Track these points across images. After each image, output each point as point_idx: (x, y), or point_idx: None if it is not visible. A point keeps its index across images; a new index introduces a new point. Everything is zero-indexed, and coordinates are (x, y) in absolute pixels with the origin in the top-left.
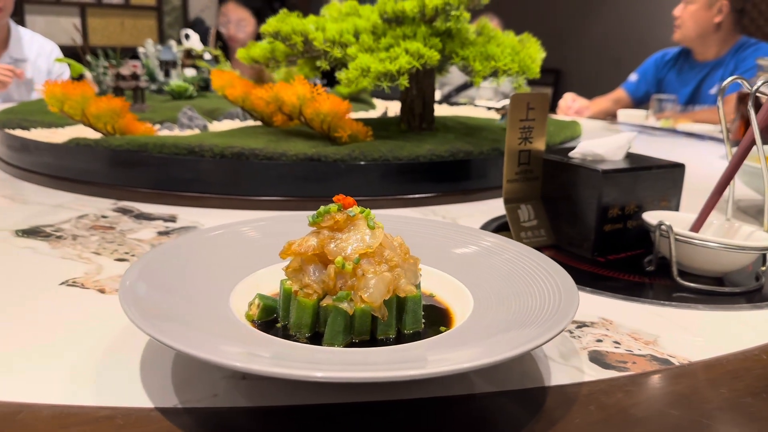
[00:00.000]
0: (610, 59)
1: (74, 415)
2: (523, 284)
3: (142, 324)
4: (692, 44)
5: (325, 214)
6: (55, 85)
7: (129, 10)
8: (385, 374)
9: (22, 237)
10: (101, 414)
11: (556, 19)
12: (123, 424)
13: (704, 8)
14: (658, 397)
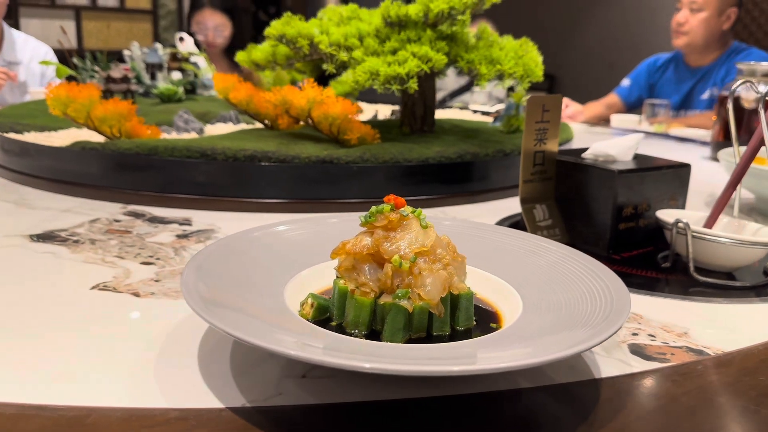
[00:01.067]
0: (604, 64)
1: (145, 417)
2: (568, 283)
3: (214, 321)
4: (694, 51)
5: (378, 213)
6: (60, 87)
7: (124, 13)
8: (455, 368)
9: (38, 242)
10: (172, 415)
11: (550, 25)
12: (196, 425)
13: (715, 16)
14: (704, 386)
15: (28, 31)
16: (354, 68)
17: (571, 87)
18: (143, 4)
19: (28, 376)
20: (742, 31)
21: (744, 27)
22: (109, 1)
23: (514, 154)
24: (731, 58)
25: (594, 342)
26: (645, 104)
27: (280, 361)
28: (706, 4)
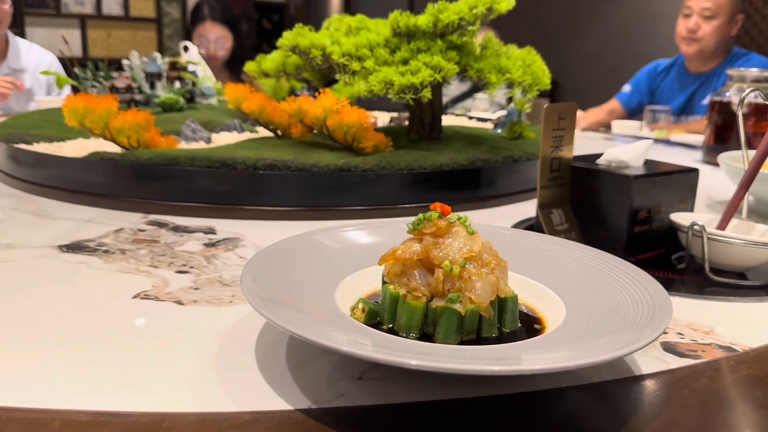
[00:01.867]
0: (605, 70)
1: (218, 420)
2: (609, 287)
3: (278, 321)
4: (702, 57)
5: (426, 221)
6: (77, 99)
7: (128, 21)
8: (514, 368)
9: (68, 252)
10: (244, 418)
11: (552, 30)
12: (269, 427)
13: (727, 23)
14: (738, 380)
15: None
16: (366, 78)
17: (573, 92)
18: (147, 13)
19: (95, 383)
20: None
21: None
22: (114, 10)
23: (522, 160)
24: (732, 63)
25: (640, 345)
26: (645, 110)
27: (335, 363)
28: (719, 11)
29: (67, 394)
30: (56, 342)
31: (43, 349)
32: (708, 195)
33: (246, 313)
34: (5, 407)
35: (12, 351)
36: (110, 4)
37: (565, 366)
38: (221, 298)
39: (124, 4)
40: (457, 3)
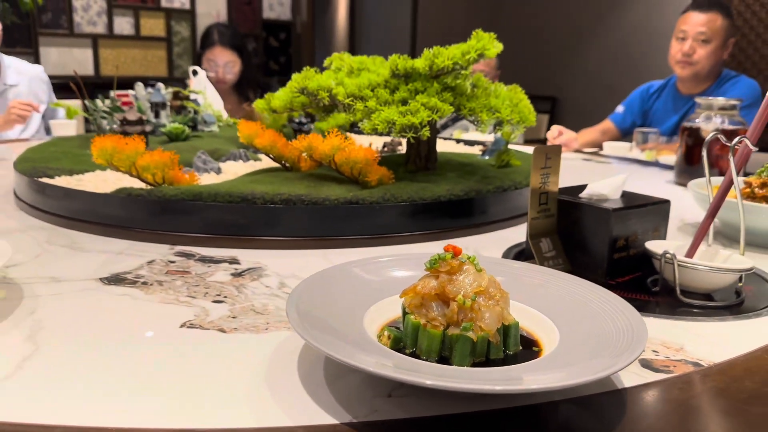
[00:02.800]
0: (605, 87)
1: None
2: (595, 315)
3: (321, 347)
4: (696, 80)
5: (441, 260)
6: (106, 140)
7: (139, 41)
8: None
9: (110, 285)
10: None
11: (553, 49)
12: None
13: (720, 48)
14: (704, 391)
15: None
16: (369, 116)
17: (574, 108)
18: (157, 32)
19: (163, 404)
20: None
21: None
22: (125, 30)
23: (511, 189)
24: (722, 85)
25: (621, 366)
26: (635, 132)
27: (367, 383)
28: (713, 35)
29: (142, 414)
30: (120, 368)
31: (109, 375)
32: (680, 217)
33: (283, 339)
34: (94, 427)
35: (82, 377)
36: (121, 24)
37: (561, 386)
38: (257, 325)
39: (135, 23)
40: (451, 48)
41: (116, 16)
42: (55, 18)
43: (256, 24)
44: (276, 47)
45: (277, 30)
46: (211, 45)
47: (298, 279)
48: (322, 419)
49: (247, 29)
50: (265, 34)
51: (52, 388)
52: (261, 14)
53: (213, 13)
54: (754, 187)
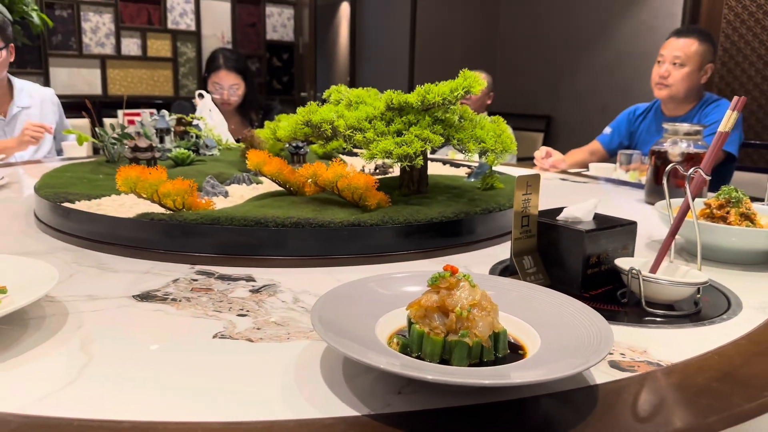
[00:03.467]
0: (597, 107)
1: (313, 424)
2: (569, 323)
3: (342, 349)
4: (674, 101)
5: (441, 278)
6: (130, 169)
7: (146, 61)
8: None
9: (143, 302)
10: (329, 422)
11: (547, 70)
12: (346, 427)
13: (696, 71)
14: (663, 386)
15: (56, 79)
16: (367, 146)
17: (566, 127)
18: (164, 53)
19: (210, 402)
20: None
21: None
22: (133, 50)
23: (496, 211)
24: (704, 108)
25: (591, 364)
26: (619, 154)
27: (380, 382)
28: (688, 60)
29: (191, 409)
30: (166, 371)
31: (158, 377)
32: (648, 235)
33: (304, 346)
34: (158, 421)
35: (135, 380)
36: (129, 45)
37: (541, 380)
38: (279, 335)
39: (143, 44)
40: (441, 86)
41: (124, 38)
42: (65, 39)
43: (260, 45)
44: (279, 67)
45: (280, 51)
46: (216, 69)
47: (309, 294)
48: (345, 411)
49: (251, 50)
50: (268, 54)
51: (111, 390)
52: (265, 36)
53: (218, 35)
54: (713, 208)
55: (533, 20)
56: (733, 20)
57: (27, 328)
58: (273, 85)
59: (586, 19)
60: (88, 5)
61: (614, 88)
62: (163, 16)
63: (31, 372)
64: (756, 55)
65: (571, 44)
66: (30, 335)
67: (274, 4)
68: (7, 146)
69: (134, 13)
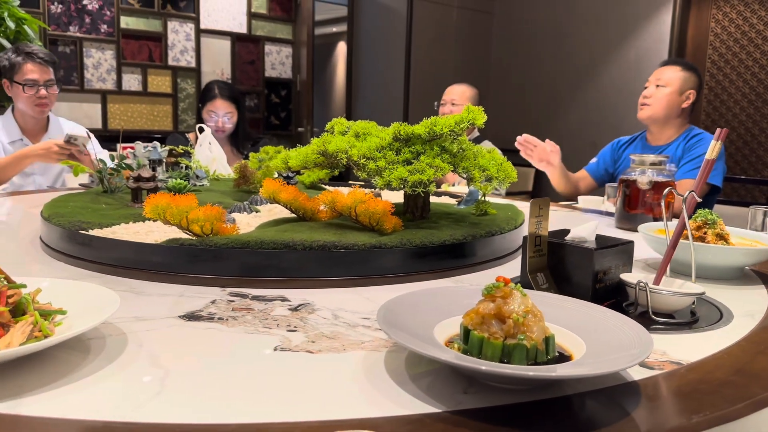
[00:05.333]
0: (587, 142)
1: (400, 420)
2: (610, 330)
3: (418, 348)
4: (654, 125)
5: (495, 288)
6: (160, 197)
7: (146, 96)
8: (566, 373)
9: (192, 321)
10: (415, 417)
11: (537, 106)
12: (429, 422)
13: (676, 93)
14: (691, 380)
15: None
16: (380, 174)
17: None
18: (164, 89)
19: (286, 404)
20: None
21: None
22: (133, 86)
23: (497, 234)
24: (687, 140)
25: (640, 359)
26: (606, 186)
27: (447, 383)
28: (669, 82)
29: (271, 412)
30: (240, 380)
31: (234, 385)
32: None
33: (362, 356)
34: (260, 422)
35: (214, 387)
36: (130, 81)
37: (598, 372)
38: (335, 347)
39: (143, 80)
40: (447, 118)
41: (125, 74)
42: (67, 75)
43: (259, 82)
44: (277, 103)
45: (278, 87)
46: (212, 98)
47: (346, 311)
48: (423, 409)
49: (249, 86)
50: (266, 91)
51: (200, 396)
52: (263, 73)
53: (218, 72)
54: (691, 229)
55: (524, 60)
56: (718, 60)
57: (90, 348)
58: (271, 121)
59: (576, 58)
60: (90, 41)
61: (603, 126)
62: (164, 53)
63: (116, 385)
64: (740, 94)
65: (561, 83)
66: (97, 354)
67: (272, 43)
68: (32, 150)
69: (135, 49)
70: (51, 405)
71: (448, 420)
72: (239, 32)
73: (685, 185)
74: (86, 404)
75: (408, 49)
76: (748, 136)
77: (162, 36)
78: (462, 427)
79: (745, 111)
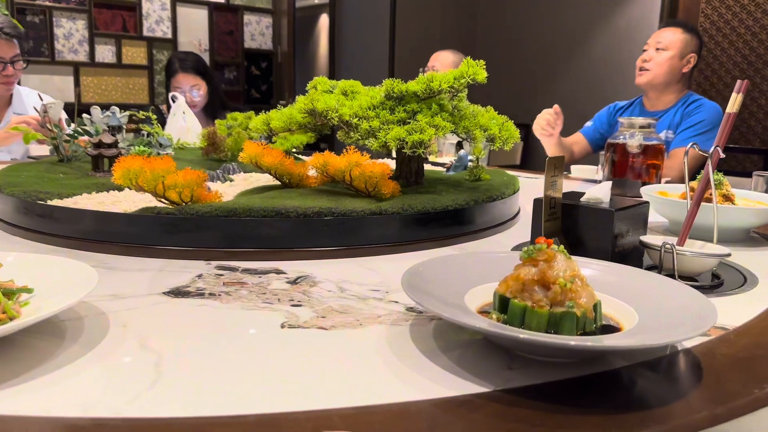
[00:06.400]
0: (576, 115)
1: (447, 402)
2: (656, 295)
3: (451, 316)
4: (653, 91)
5: (537, 251)
6: (132, 160)
7: (121, 69)
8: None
9: (179, 297)
10: (461, 399)
11: (527, 80)
12: (482, 404)
13: (677, 57)
14: (744, 345)
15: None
16: (374, 135)
17: None
18: (139, 61)
19: (308, 390)
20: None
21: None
22: (107, 58)
23: (499, 199)
24: (685, 106)
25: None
26: (600, 156)
27: (491, 359)
28: (670, 45)
29: (289, 399)
30: (246, 363)
31: (241, 369)
32: None
33: (382, 330)
34: (283, 412)
35: (218, 373)
36: (103, 52)
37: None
38: (350, 322)
39: (117, 52)
40: (446, 74)
41: (98, 45)
42: (37, 46)
43: (238, 53)
44: (257, 75)
45: (258, 59)
46: (174, 73)
47: (351, 283)
48: (469, 389)
49: (228, 58)
50: (246, 62)
51: (206, 384)
52: (242, 44)
53: (195, 42)
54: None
55: (510, 31)
56: (710, 28)
57: (66, 332)
58: (251, 94)
59: (563, 28)
60: (60, 11)
61: (592, 97)
62: (139, 23)
63: (102, 375)
64: (732, 63)
65: (548, 54)
66: (74, 338)
67: (252, 12)
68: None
69: (108, 19)
70: (25, 400)
71: (502, 399)
72: (217, 1)
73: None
74: (68, 398)
75: (392, 21)
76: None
77: (136, 5)
78: (517, 407)
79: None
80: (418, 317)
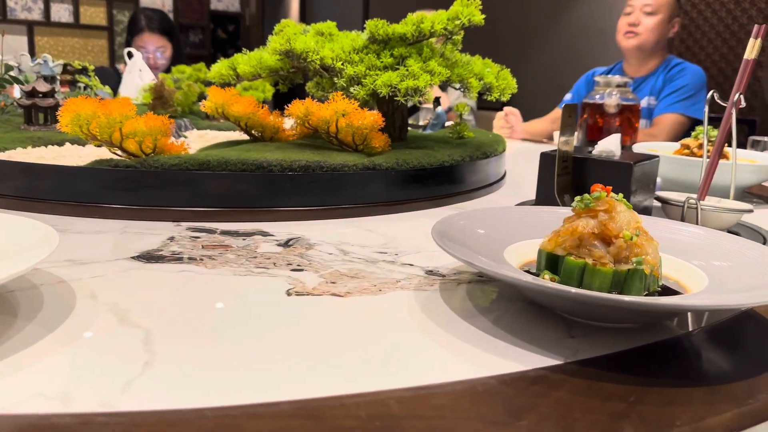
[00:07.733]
0: (556, 85)
1: (516, 378)
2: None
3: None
4: (639, 55)
5: (596, 200)
6: (83, 103)
7: (78, 29)
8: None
9: (154, 263)
10: (531, 374)
11: (506, 49)
12: (559, 380)
13: (666, 21)
14: None
15: None
16: (359, 82)
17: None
18: (98, 21)
19: (338, 369)
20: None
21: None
22: (63, 17)
23: (491, 155)
24: (667, 70)
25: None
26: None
27: (550, 327)
28: (659, 8)
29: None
30: (258, 339)
31: (248, 349)
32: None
33: (408, 296)
34: (326, 396)
35: (219, 353)
36: (59, 11)
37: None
38: (366, 288)
39: (74, 11)
40: (437, 14)
41: (54, 3)
42: None
43: (203, 15)
44: (224, 39)
45: (225, 21)
46: (139, 31)
47: (352, 245)
48: (537, 362)
49: (193, 20)
50: (212, 25)
51: (204, 367)
52: (208, 5)
53: (157, 2)
54: (692, 147)
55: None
56: None
57: (19, 306)
58: (218, 58)
59: None
60: None
61: (571, 66)
62: None
63: (77, 358)
64: (714, 32)
65: (526, 23)
66: (30, 313)
67: None
68: None
69: None
70: None
71: (581, 373)
72: None
73: (668, 119)
74: (34, 388)
75: None
76: (720, 76)
77: None
78: (600, 380)
79: (719, 50)
80: (444, 281)
